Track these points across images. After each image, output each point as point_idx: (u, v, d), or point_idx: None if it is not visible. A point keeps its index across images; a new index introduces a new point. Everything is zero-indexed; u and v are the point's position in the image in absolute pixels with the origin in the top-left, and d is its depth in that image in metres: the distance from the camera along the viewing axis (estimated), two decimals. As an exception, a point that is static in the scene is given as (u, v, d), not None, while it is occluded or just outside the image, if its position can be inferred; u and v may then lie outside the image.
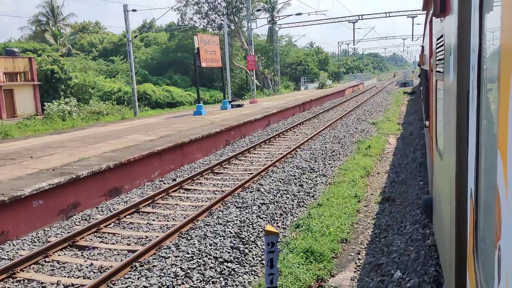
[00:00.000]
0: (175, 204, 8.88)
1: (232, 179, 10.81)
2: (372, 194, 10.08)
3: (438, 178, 3.96)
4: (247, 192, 9.13)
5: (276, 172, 10.97)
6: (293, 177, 10.45)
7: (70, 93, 31.79)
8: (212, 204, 8.25)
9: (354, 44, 50.82)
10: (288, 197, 9.14)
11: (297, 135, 17.52)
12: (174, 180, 10.74)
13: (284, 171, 10.93)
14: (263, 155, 13.78)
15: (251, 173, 11.12)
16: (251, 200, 8.47)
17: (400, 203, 8.91)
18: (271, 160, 12.51)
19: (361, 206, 9.20)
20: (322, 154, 13.31)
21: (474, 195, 1.65)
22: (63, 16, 58.77)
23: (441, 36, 3.34)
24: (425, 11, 6.31)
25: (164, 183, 10.58)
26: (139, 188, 10.11)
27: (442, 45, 3.30)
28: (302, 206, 9.04)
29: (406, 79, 59.70)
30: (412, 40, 48.41)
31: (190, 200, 9.19)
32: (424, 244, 6.14)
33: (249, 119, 17.35)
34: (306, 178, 10.67)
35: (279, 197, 8.97)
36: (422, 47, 9.99)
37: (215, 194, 9.51)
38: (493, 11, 1.37)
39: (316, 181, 10.64)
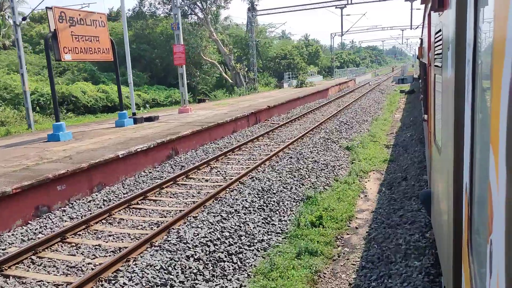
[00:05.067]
0: None
1: None
2: None
3: (436, 172, 3.92)
4: None
5: None
6: None
7: (-36, 97, 24.31)
8: None
9: (342, 34, 42.94)
10: None
11: (205, 181, 10.05)
12: None
13: None
14: (84, 251, 6.36)
15: None
16: None
17: None
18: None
19: None
20: (202, 257, 5.93)
21: (468, 189, 1.65)
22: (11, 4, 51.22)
23: (440, 31, 3.32)
24: (424, 4, 6.01)
25: None
26: None
27: (440, 40, 3.27)
28: None
29: (404, 74, 51.91)
30: (411, 28, 40.76)
31: None
32: None
33: (121, 153, 9.82)
34: None
35: None
36: (421, 39, 9.33)
37: None
38: (488, 6, 1.37)
39: None
